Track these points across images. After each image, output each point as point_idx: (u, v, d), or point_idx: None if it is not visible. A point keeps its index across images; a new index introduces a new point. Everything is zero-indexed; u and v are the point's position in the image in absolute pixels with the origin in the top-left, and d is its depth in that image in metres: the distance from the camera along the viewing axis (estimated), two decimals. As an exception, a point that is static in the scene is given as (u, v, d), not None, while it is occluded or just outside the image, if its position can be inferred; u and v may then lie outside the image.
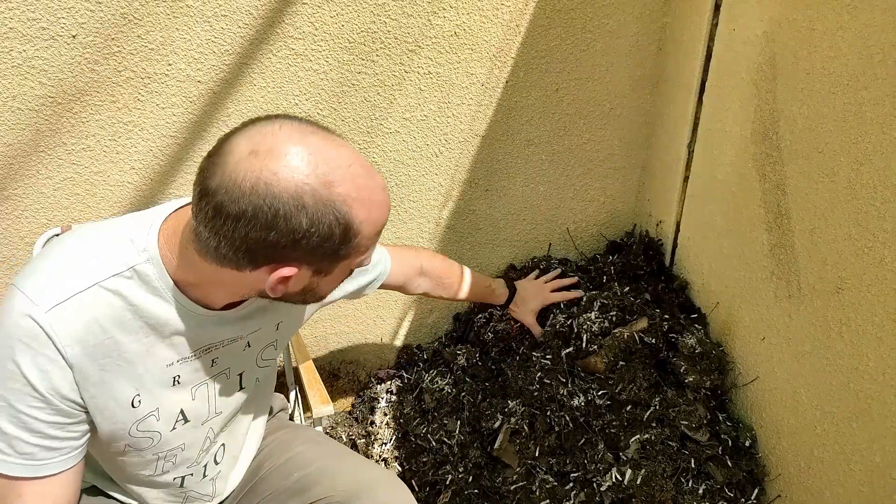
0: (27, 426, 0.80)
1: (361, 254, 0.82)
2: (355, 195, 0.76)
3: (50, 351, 0.78)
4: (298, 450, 1.17)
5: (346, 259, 0.81)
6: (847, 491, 1.26)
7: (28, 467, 0.82)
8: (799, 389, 1.37)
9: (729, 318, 1.58)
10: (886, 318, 1.14)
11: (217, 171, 0.73)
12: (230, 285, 0.84)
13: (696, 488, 1.43)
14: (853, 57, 1.15)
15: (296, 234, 0.74)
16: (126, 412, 0.88)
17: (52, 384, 0.80)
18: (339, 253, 0.79)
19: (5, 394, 0.79)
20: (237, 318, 0.93)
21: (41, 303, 0.78)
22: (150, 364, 0.88)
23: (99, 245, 0.83)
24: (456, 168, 1.69)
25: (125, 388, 0.87)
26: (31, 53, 1.27)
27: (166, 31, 1.33)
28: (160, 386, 0.90)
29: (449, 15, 1.49)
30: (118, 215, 1.45)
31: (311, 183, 0.73)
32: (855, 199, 1.18)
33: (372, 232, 0.81)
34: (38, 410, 0.80)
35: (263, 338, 1.01)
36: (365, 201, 0.78)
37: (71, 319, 0.79)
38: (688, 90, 1.61)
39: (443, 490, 1.56)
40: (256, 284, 0.82)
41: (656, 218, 1.83)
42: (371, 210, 0.79)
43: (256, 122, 0.76)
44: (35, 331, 0.77)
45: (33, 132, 1.34)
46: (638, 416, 1.51)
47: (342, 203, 0.75)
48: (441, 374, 1.75)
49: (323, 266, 0.81)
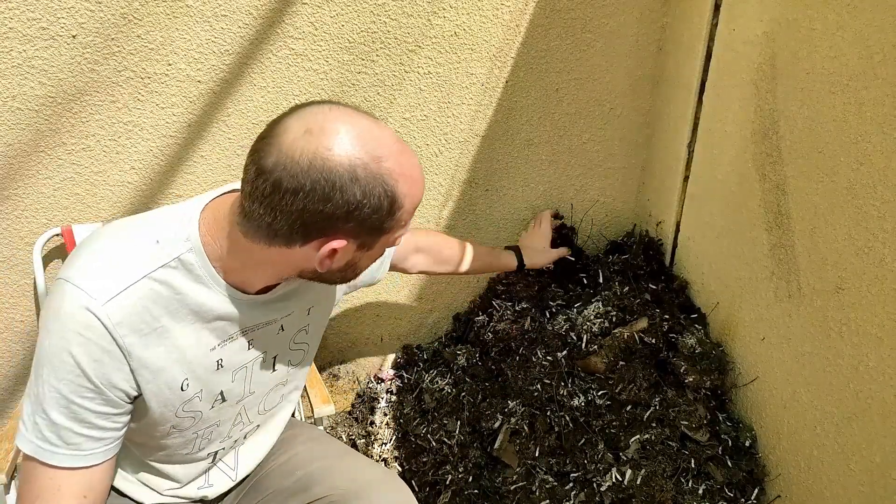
0: (77, 416, 0.83)
1: (401, 228, 0.87)
2: (399, 171, 0.81)
3: (106, 342, 0.81)
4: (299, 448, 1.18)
5: (388, 233, 0.86)
6: (847, 491, 1.26)
7: (75, 457, 0.85)
8: (799, 389, 1.37)
9: (729, 318, 1.58)
10: (886, 318, 1.14)
11: (273, 151, 0.78)
12: (276, 264, 0.87)
13: (696, 488, 1.43)
14: (853, 57, 1.15)
15: (349, 206, 0.79)
16: (175, 394, 0.92)
17: (106, 374, 0.83)
18: (383, 226, 0.84)
19: (59, 385, 0.81)
20: (272, 301, 0.97)
21: (98, 296, 0.81)
22: (196, 349, 0.91)
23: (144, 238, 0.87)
24: (456, 168, 1.69)
25: (176, 373, 0.90)
26: (31, 53, 1.27)
27: (166, 31, 1.33)
28: (205, 370, 0.94)
29: (449, 15, 1.49)
30: (119, 216, 1.46)
31: (363, 158, 0.78)
32: (855, 198, 1.18)
33: (412, 207, 0.86)
34: (89, 401, 0.83)
35: (296, 322, 1.05)
36: (407, 177, 0.83)
37: (126, 310, 0.82)
38: (688, 90, 1.61)
39: (443, 490, 1.56)
40: (302, 262, 0.86)
41: (656, 218, 1.83)
42: (412, 185, 0.84)
43: (306, 105, 0.82)
44: (93, 323, 0.80)
45: (33, 132, 1.34)
46: (638, 416, 1.51)
47: (389, 176, 0.80)
48: (441, 374, 1.75)
49: (368, 240, 0.85)
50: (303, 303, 1.04)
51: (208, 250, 0.87)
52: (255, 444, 1.15)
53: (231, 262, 0.88)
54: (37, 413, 0.83)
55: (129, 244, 0.86)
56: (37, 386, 0.82)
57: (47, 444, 0.83)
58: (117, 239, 0.87)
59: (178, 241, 0.86)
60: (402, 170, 0.82)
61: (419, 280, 1.82)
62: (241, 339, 0.96)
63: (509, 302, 1.78)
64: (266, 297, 0.95)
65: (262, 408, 1.09)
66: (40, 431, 0.83)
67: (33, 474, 0.85)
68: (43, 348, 0.82)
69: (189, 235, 0.87)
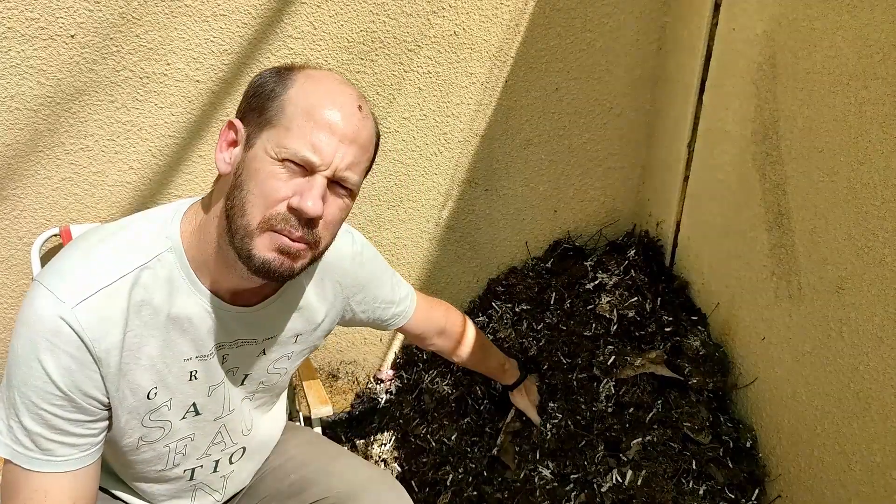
0: (48, 423, 0.81)
1: (286, 129, 0.80)
2: (305, 77, 0.84)
3: (74, 348, 0.79)
4: (293, 452, 1.17)
5: (270, 127, 0.81)
6: (847, 491, 1.26)
7: (49, 462, 0.83)
8: (799, 389, 1.37)
9: (729, 318, 1.58)
10: (886, 318, 1.14)
11: None
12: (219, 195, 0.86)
13: (697, 489, 1.43)
14: (853, 56, 1.15)
15: (247, 91, 0.86)
16: (141, 402, 0.89)
17: (75, 382, 0.81)
18: (265, 110, 0.82)
19: (28, 392, 0.80)
20: (255, 318, 0.95)
21: (67, 299, 0.78)
22: (169, 358, 0.89)
23: (122, 240, 0.85)
24: (455, 168, 1.69)
25: (144, 381, 0.88)
26: (29, 53, 1.26)
27: (165, 31, 1.32)
28: (177, 379, 0.91)
29: (448, 14, 1.49)
30: (118, 216, 1.46)
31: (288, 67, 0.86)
32: (855, 198, 1.18)
33: (303, 105, 0.81)
34: (59, 409, 0.81)
35: (279, 348, 1.02)
36: (313, 78, 0.84)
37: (97, 315, 0.80)
38: (688, 89, 1.61)
39: (442, 491, 1.56)
40: (223, 185, 0.85)
41: (656, 218, 1.83)
42: (313, 88, 0.83)
43: None
44: (62, 329, 0.78)
45: (31, 132, 1.33)
46: (640, 418, 1.50)
47: (290, 75, 0.84)
48: (441, 374, 1.75)
49: (253, 130, 0.83)
50: (289, 328, 1.01)
51: (190, 252, 0.85)
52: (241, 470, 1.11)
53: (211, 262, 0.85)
54: (10, 417, 0.81)
55: (105, 246, 0.84)
56: (9, 390, 0.81)
57: (22, 449, 0.81)
58: (96, 240, 0.85)
59: (157, 240, 0.84)
60: (308, 78, 0.84)
61: (418, 281, 1.82)
62: (218, 352, 0.94)
63: (509, 304, 1.77)
64: (249, 311, 0.93)
65: (244, 428, 1.06)
66: (15, 435, 0.81)
67: (14, 479, 0.83)
68: (14, 352, 0.80)
69: (169, 234, 0.85)
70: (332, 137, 0.81)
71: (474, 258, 1.84)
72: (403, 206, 1.70)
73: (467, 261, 1.84)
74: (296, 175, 0.81)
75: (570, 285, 1.77)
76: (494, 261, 1.87)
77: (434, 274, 1.83)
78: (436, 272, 1.83)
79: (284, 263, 0.82)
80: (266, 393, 1.09)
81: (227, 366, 0.97)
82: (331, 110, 0.82)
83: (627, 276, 1.76)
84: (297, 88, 0.82)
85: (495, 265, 1.88)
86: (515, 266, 1.88)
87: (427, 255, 1.79)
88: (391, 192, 1.67)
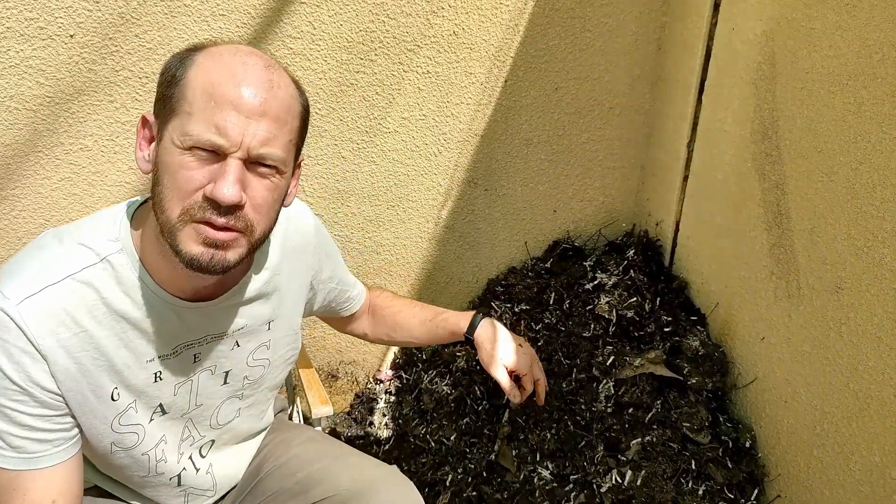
0: (13, 420, 0.80)
1: (188, 115, 0.77)
2: (205, 56, 0.79)
3: (22, 342, 0.78)
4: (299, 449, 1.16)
5: (174, 116, 0.78)
6: (847, 491, 1.26)
7: (22, 460, 0.82)
8: (798, 389, 1.37)
9: (728, 318, 1.58)
10: (886, 317, 1.14)
11: None
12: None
13: (696, 489, 1.43)
14: (852, 56, 1.15)
15: (159, 78, 0.81)
16: (105, 404, 0.87)
17: (30, 376, 0.79)
18: (169, 99, 0.79)
19: None
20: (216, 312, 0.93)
21: (12, 296, 0.78)
22: (128, 359, 0.87)
23: (72, 238, 0.84)
24: (455, 168, 1.69)
25: (103, 382, 0.86)
26: (28, 53, 1.26)
27: (164, 31, 1.32)
28: (141, 381, 0.89)
29: (448, 14, 1.49)
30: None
31: (196, 48, 0.81)
32: (854, 198, 1.18)
33: (203, 85, 0.77)
34: (20, 404, 0.80)
35: (253, 337, 1.01)
36: (212, 55, 0.79)
37: (44, 312, 0.79)
38: (687, 89, 1.61)
39: (442, 491, 1.56)
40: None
41: (656, 218, 1.83)
42: (213, 65, 0.78)
43: None
44: (8, 324, 0.77)
45: (31, 132, 1.33)
46: (639, 418, 1.50)
47: (191, 56, 0.80)
48: (440, 374, 1.75)
49: (160, 120, 0.80)
50: (258, 316, 1.00)
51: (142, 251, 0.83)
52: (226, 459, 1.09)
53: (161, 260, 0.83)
54: None
55: (56, 246, 0.83)
56: None
57: None
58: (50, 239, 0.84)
59: (106, 241, 0.83)
60: (208, 56, 0.79)
61: (417, 281, 1.82)
62: (186, 352, 0.92)
63: (508, 304, 1.77)
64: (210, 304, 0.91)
65: (214, 421, 1.04)
66: None
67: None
68: None
69: (119, 235, 0.83)
70: (237, 115, 0.76)
71: (474, 258, 1.84)
72: (403, 206, 1.70)
73: (467, 260, 1.84)
74: (208, 162, 0.77)
75: (569, 285, 1.77)
76: (494, 261, 1.87)
77: (434, 274, 1.83)
78: (435, 272, 1.83)
79: (215, 257, 0.79)
80: (255, 389, 1.07)
81: (201, 364, 0.95)
82: (232, 86, 0.76)
83: (627, 276, 1.76)
84: (195, 69, 0.78)
85: (494, 265, 1.88)
86: (515, 266, 1.88)
87: (427, 254, 1.79)
88: (391, 192, 1.67)
